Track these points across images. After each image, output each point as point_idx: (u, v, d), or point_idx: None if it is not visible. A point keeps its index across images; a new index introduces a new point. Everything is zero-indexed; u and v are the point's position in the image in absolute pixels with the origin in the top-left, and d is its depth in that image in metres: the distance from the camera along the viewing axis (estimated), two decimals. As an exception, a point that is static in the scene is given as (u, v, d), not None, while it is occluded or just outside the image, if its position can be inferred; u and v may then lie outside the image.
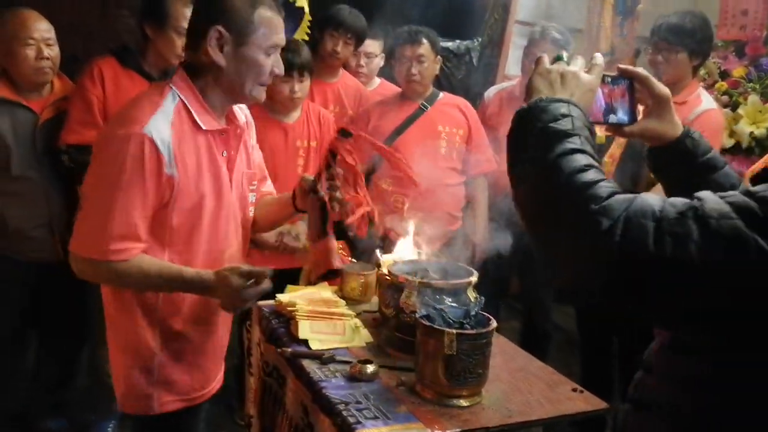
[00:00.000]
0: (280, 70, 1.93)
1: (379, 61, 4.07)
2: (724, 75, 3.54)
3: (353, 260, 3.17)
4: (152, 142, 1.75)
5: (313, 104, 3.52)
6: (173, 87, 1.86)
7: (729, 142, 3.39)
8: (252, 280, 1.87)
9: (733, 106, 3.43)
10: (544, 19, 5.06)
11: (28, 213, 3.04)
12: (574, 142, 1.15)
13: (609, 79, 1.40)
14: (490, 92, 3.89)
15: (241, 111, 2.13)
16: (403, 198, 3.41)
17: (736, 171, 3.39)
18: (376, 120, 3.55)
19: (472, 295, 2.19)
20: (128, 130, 1.75)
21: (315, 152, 3.40)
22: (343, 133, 2.11)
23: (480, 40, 4.96)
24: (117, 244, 1.77)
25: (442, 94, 3.58)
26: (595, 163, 1.14)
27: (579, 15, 5.03)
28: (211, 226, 1.96)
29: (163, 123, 1.79)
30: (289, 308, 2.35)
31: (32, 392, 3.33)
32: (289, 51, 3.19)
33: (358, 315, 2.41)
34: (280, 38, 1.90)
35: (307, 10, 4.16)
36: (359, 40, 3.78)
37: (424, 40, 3.38)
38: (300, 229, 3.26)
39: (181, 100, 1.85)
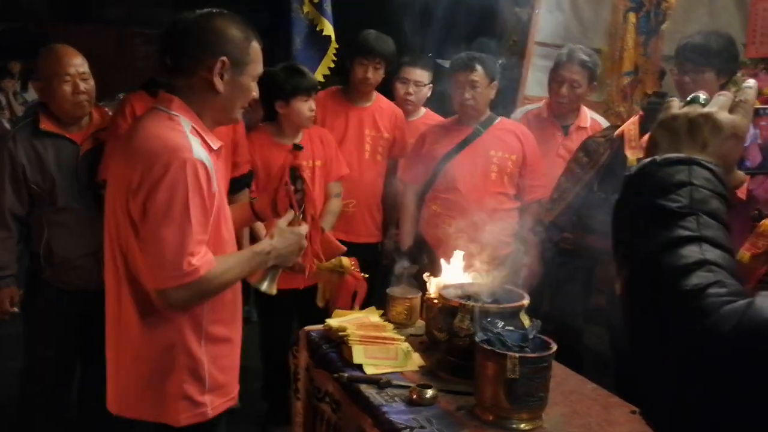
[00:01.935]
0: (257, 94, 2.09)
1: (426, 91, 4.08)
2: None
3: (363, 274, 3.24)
4: (203, 164, 1.89)
5: (314, 127, 3.59)
6: (178, 114, 1.95)
7: (762, 161, 3.38)
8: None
9: (765, 125, 3.43)
10: (563, 40, 5.12)
11: (74, 243, 3.08)
12: (687, 227, 0.88)
13: None
14: (517, 114, 3.92)
15: None
16: (451, 221, 3.42)
17: (771, 188, 3.41)
18: (430, 144, 3.59)
19: (525, 318, 2.20)
20: (180, 158, 1.85)
21: (321, 171, 3.51)
22: (296, 146, 2.39)
23: (501, 62, 4.99)
24: (197, 260, 1.86)
25: (499, 119, 3.58)
26: (713, 255, 0.86)
27: (598, 35, 5.07)
28: (226, 233, 2.09)
29: (198, 146, 1.92)
30: (339, 333, 2.36)
31: (76, 423, 3.33)
32: (302, 74, 3.43)
33: (405, 339, 2.42)
34: (262, 67, 2.09)
35: (333, 38, 4.23)
36: (389, 63, 3.81)
37: (478, 66, 3.40)
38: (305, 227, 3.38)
39: (191, 125, 1.96)
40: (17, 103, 8.97)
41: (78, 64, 3.07)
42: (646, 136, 3.03)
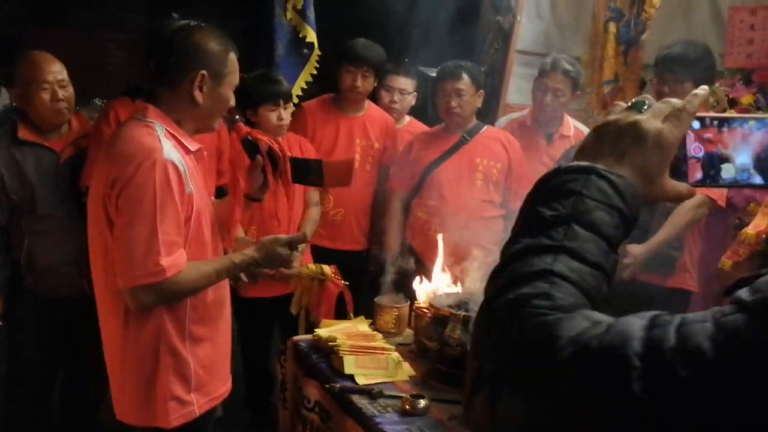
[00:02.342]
0: (233, 102, 2.14)
1: (411, 99, 4.09)
2: (733, 102, 3.61)
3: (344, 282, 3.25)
4: (173, 164, 1.93)
5: (294, 135, 3.56)
6: (153, 121, 2.01)
7: (741, 168, 3.44)
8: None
9: (744, 134, 3.49)
10: (543, 48, 5.16)
11: (55, 250, 3.05)
12: (552, 236, 0.84)
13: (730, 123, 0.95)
14: (501, 122, 3.95)
15: None
16: (437, 228, 3.44)
17: (749, 197, 3.48)
18: (416, 151, 3.60)
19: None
20: (150, 158, 1.90)
21: None
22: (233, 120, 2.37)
23: (482, 69, 5.02)
24: (168, 260, 1.90)
25: (485, 127, 3.60)
26: (564, 267, 0.81)
27: (578, 43, 5.12)
28: (207, 232, 2.12)
29: (170, 148, 1.96)
30: (329, 343, 2.36)
31: (59, 427, 3.33)
32: (272, 82, 3.37)
33: (394, 348, 2.42)
34: (238, 77, 2.15)
35: (316, 45, 4.22)
36: (378, 72, 3.78)
37: (464, 75, 3.42)
38: (293, 258, 3.36)
39: (165, 129, 2.01)
40: None
41: (56, 71, 3.03)
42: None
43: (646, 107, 0.94)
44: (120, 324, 2.02)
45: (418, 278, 2.72)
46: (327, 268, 3.47)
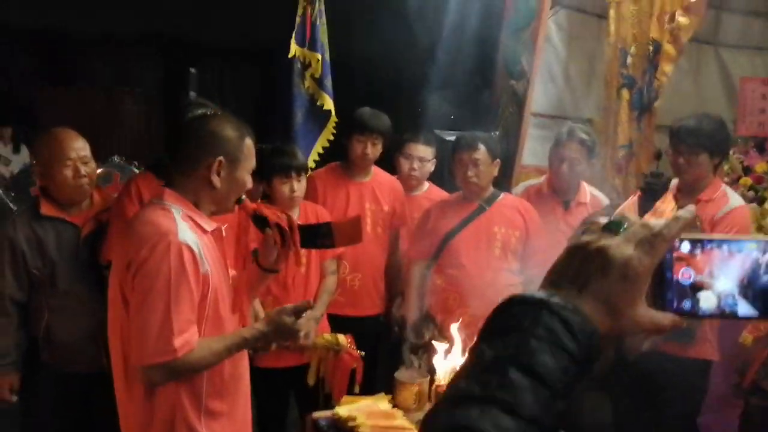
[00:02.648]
0: (250, 184, 2.22)
1: (430, 166, 4.13)
2: (747, 170, 3.64)
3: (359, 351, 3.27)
4: (188, 246, 2.00)
5: (311, 204, 3.62)
6: (169, 203, 2.07)
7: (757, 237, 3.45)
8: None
9: (760, 201, 3.51)
10: (556, 110, 5.23)
11: (74, 325, 3.05)
12: (484, 382, 0.75)
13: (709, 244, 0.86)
14: (518, 189, 3.98)
15: None
16: (455, 296, 3.45)
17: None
18: (434, 220, 3.63)
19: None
20: (165, 240, 1.97)
21: (315, 251, 3.46)
22: (239, 200, 2.29)
23: (497, 133, 5.08)
24: (180, 340, 1.95)
25: (502, 195, 3.63)
26: (488, 424, 0.71)
27: (590, 106, 5.19)
28: (224, 310, 2.17)
29: (186, 229, 2.03)
30: (350, 423, 2.36)
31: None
32: (285, 155, 3.43)
33: (415, 426, 2.42)
34: (255, 161, 2.23)
35: (333, 113, 4.30)
36: (385, 138, 3.86)
37: (481, 146, 3.47)
38: (309, 327, 3.36)
39: (182, 211, 2.08)
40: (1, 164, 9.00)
41: (79, 147, 3.08)
42: (645, 217, 3.09)
43: (623, 228, 0.84)
44: (136, 399, 2.06)
45: (439, 353, 2.72)
46: (342, 338, 3.48)
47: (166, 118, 11.96)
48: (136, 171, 6.77)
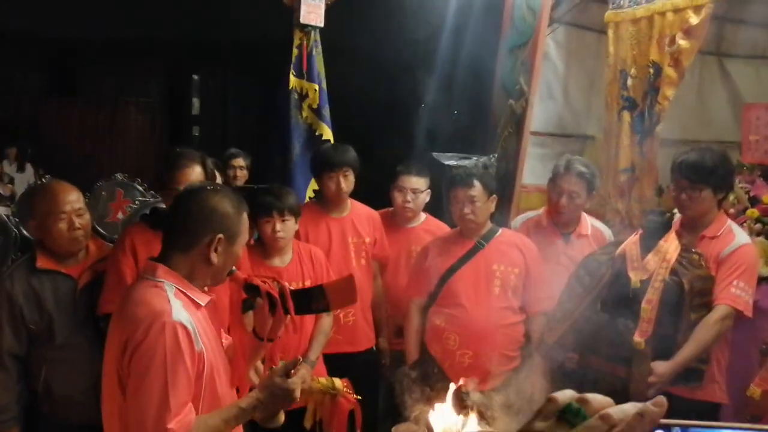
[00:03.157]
0: (241, 256, 2.21)
1: (425, 197, 4.10)
2: (754, 201, 3.56)
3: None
4: (182, 326, 1.97)
5: (303, 244, 3.63)
6: (163, 280, 2.04)
7: (766, 271, 3.38)
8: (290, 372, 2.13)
9: (767, 234, 3.44)
10: (556, 128, 5.16)
11: (74, 378, 3.03)
12: None
13: None
14: (517, 222, 3.91)
15: None
16: (455, 336, 3.40)
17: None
18: (432, 257, 3.58)
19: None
20: (160, 321, 1.95)
21: None
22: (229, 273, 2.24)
23: (496, 155, 5.02)
24: (176, 422, 1.92)
25: (500, 231, 3.58)
26: None
27: (591, 123, 5.12)
28: (220, 386, 2.14)
29: (180, 308, 2.00)
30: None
31: None
32: (270, 194, 3.46)
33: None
34: (248, 235, 2.23)
35: (332, 141, 4.26)
36: (355, 169, 3.85)
37: (476, 182, 3.42)
38: (304, 371, 3.33)
39: (175, 287, 2.04)
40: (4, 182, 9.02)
41: (73, 200, 3.06)
42: (648, 256, 3.02)
43: (581, 418, 0.77)
44: None
45: (434, 409, 2.65)
46: (338, 382, 3.45)
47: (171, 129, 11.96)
48: (139, 188, 6.77)
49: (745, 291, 3.04)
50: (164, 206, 3.21)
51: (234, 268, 2.22)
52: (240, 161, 5.27)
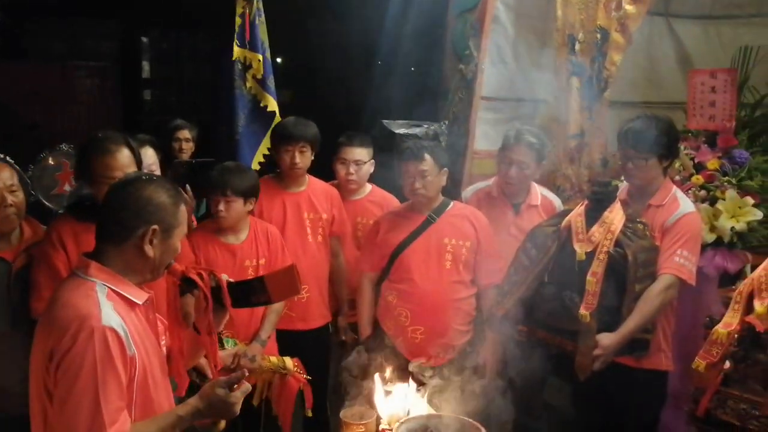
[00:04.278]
0: (179, 250, 2.13)
1: (368, 168, 4.05)
2: (700, 167, 3.57)
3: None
4: (113, 331, 1.88)
5: (260, 222, 3.58)
6: (95, 279, 1.97)
7: (710, 237, 3.40)
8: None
9: (711, 201, 3.45)
10: (508, 93, 5.10)
11: (9, 368, 2.90)
12: None
13: None
14: (467, 193, 3.87)
15: None
16: (407, 312, 3.38)
17: (720, 266, 3.44)
18: (384, 232, 3.54)
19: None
20: (88, 327, 1.86)
21: (264, 270, 3.44)
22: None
23: (447, 122, 4.96)
24: (113, 430, 1.84)
25: (452, 204, 3.55)
26: None
27: (542, 87, 5.07)
28: (154, 387, 2.06)
29: (110, 311, 1.92)
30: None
31: None
32: (223, 172, 3.40)
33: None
34: (186, 227, 2.16)
35: (278, 113, 4.17)
36: (313, 145, 3.79)
37: (427, 156, 3.37)
38: (255, 351, 3.35)
39: (108, 287, 1.97)
40: None
41: (5, 177, 2.92)
42: (593, 228, 3.01)
43: None
44: None
45: (379, 390, 2.65)
46: (289, 362, 3.44)
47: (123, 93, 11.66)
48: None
49: (689, 260, 3.06)
50: (87, 194, 3.07)
51: (172, 261, 2.15)
52: (185, 133, 5.14)
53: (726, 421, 2.54)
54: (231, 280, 2.23)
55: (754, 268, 3.73)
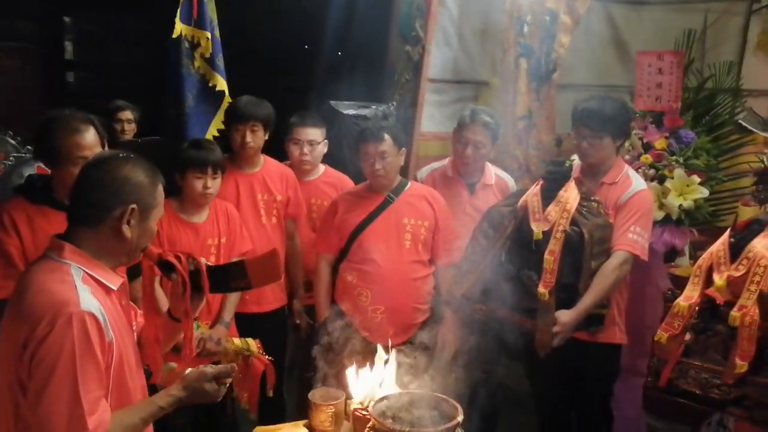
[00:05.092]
0: (155, 232, 2.07)
1: (322, 148, 4.01)
2: (647, 147, 3.67)
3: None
4: (92, 316, 1.81)
5: (219, 200, 3.52)
6: (69, 262, 1.88)
7: (659, 215, 3.51)
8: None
9: (660, 179, 3.56)
10: (453, 75, 5.14)
11: None
12: None
13: None
14: (423, 173, 3.89)
15: None
16: (367, 292, 3.37)
17: (668, 242, 3.55)
18: (342, 213, 3.51)
19: (460, 434, 2.19)
20: (66, 313, 1.78)
21: (225, 248, 3.43)
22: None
23: (394, 104, 4.96)
24: (93, 422, 1.77)
25: (410, 184, 3.56)
26: None
27: (486, 68, 5.12)
28: (130, 374, 2.00)
29: (88, 295, 1.84)
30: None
31: None
32: (202, 149, 3.37)
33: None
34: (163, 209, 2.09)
35: (227, 93, 4.07)
36: (266, 125, 3.74)
37: (386, 136, 3.36)
38: (220, 334, 3.32)
39: (84, 271, 1.89)
40: None
41: None
42: (549, 207, 3.06)
43: None
44: None
45: (348, 371, 2.64)
46: (253, 343, 3.40)
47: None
48: (11, 141, 6.32)
49: (642, 236, 3.15)
50: (36, 176, 2.95)
51: (148, 244, 2.07)
52: (127, 114, 5.00)
53: (688, 390, 2.63)
54: (209, 263, 2.17)
55: (698, 244, 3.89)
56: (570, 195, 3.12)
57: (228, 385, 2.07)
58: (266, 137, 3.76)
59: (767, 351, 2.50)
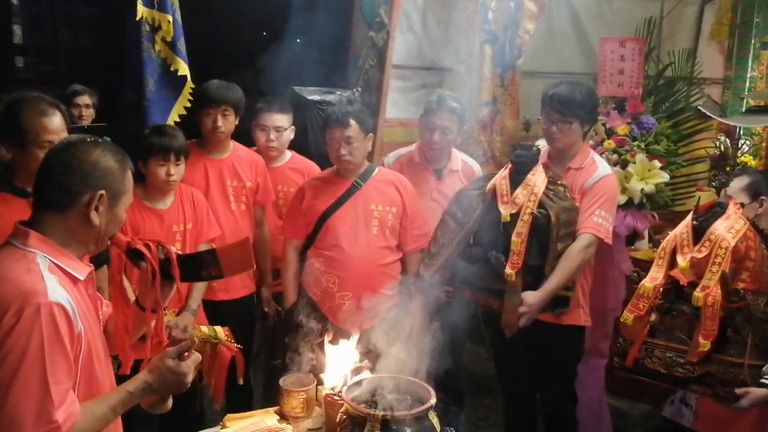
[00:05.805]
0: (124, 220, 2.02)
1: (289, 134, 3.98)
2: (610, 132, 3.73)
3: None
4: (60, 306, 1.76)
5: (184, 186, 3.49)
6: (35, 251, 1.83)
7: (622, 199, 3.58)
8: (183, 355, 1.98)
9: (623, 164, 3.63)
10: (416, 61, 5.15)
11: None
12: None
13: None
14: (390, 159, 3.88)
15: None
16: (335, 278, 3.36)
17: (630, 226, 3.62)
18: (309, 198, 3.48)
19: (434, 418, 2.20)
20: (34, 303, 1.73)
21: (191, 234, 3.41)
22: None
23: (359, 89, 4.95)
24: (62, 413, 1.73)
25: (377, 170, 3.53)
26: None
27: (450, 55, 5.14)
28: (99, 363, 1.96)
29: (56, 285, 1.79)
30: (240, 447, 2.27)
31: None
32: (165, 135, 3.31)
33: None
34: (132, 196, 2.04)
35: (189, 77, 4.02)
36: (237, 109, 3.70)
37: (352, 122, 3.33)
38: (186, 321, 3.31)
39: (50, 260, 1.84)
40: None
41: None
42: (517, 190, 3.09)
43: None
44: None
45: (319, 356, 2.64)
46: (221, 331, 3.37)
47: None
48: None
49: (606, 220, 3.20)
50: None
51: (116, 231, 2.03)
52: (85, 99, 4.90)
53: (653, 369, 2.69)
54: (180, 252, 2.14)
55: (656, 228, 3.98)
56: (537, 179, 3.15)
57: (196, 362, 2.00)
58: (236, 122, 3.73)
59: (729, 330, 2.57)
